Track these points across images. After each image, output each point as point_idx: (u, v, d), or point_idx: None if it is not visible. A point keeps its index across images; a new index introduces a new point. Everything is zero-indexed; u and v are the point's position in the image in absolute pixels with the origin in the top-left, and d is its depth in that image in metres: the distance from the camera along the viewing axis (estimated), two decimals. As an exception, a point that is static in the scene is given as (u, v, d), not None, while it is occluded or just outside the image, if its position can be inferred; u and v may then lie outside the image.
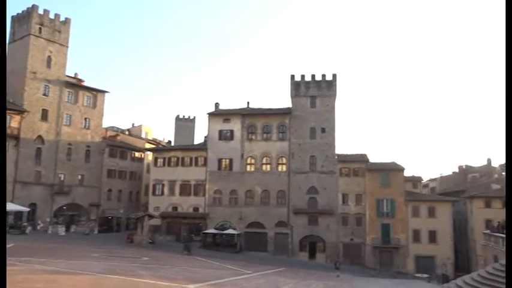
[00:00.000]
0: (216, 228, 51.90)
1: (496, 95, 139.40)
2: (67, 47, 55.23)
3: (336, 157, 52.42)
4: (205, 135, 58.84)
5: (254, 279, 27.01)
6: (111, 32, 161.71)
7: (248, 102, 58.08)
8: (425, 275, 43.25)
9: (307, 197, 51.90)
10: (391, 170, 51.10)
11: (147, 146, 69.19)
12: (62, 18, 55.29)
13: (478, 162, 72.67)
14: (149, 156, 62.92)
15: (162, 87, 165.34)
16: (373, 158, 53.76)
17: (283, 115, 54.49)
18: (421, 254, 48.33)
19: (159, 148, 67.30)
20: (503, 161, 50.55)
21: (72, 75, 57.79)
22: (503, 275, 21.82)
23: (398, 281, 39.55)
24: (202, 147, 57.33)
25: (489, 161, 69.23)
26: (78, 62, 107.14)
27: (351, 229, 50.78)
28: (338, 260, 43.62)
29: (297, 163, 52.78)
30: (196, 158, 55.72)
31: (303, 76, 54.61)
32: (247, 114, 55.54)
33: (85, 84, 58.39)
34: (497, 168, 66.33)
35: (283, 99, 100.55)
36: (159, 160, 57.28)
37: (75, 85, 56.33)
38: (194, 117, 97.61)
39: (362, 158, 52.80)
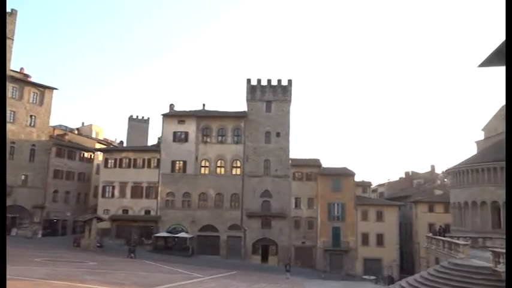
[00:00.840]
0: (168, 232, 51.10)
1: (442, 104, 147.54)
2: (12, 39, 52.16)
3: (290, 161, 53.26)
4: (159, 136, 57.74)
5: (206, 283, 26.75)
6: (62, 27, 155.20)
7: (204, 104, 57.83)
8: (373, 277, 44.74)
9: (260, 201, 52.28)
10: (343, 175, 52.59)
11: (98, 146, 66.71)
12: (8, 9, 52.28)
13: (422, 168, 76.41)
14: (99, 156, 60.72)
15: (115, 86, 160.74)
16: (325, 163, 55.20)
17: (238, 118, 54.62)
18: (369, 257, 50.05)
19: (110, 148, 65.10)
20: (445, 167, 53.60)
21: (18, 70, 54.75)
22: (444, 276, 23.05)
23: (347, 283, 40.67)
24: (156, 148, 56.28)
25: (433, 167, 73.19)
26: (25, 57, 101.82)
27: (303, 232, 51.76)
28: (288, 262, 44.18)
29: (252, 167, 53.05)
30: (149, 160, 54.62)
31: (259, 80, 55.11)
32: (202, 116, 55.16)
33: (32, 79, 55.47)
34: (440, 174, 70.31)
35: (239, 103, 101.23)
36: (109, 161, 55.52)
37: (21, 80, 53.34)
38: (148, 118, 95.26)
39: (315, 163, 54.00)
